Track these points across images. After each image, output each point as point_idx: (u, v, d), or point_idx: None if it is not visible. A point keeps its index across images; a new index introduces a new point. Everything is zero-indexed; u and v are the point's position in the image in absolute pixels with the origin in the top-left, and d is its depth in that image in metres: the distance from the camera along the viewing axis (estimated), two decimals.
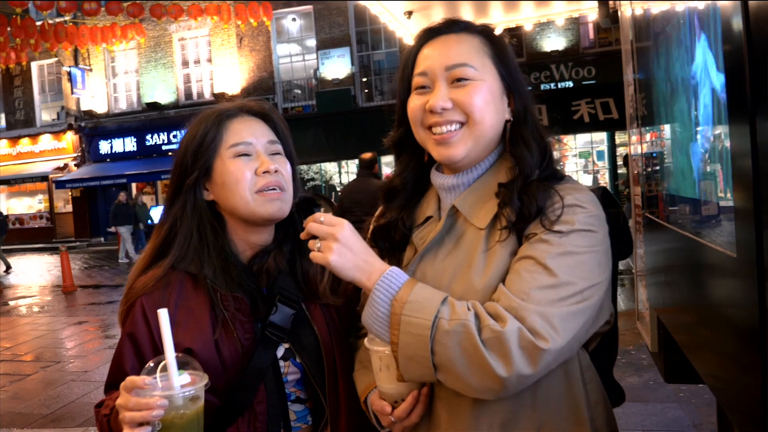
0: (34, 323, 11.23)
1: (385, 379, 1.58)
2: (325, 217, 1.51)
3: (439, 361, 1.38)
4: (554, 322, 1.36)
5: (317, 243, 1.49)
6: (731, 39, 1.52)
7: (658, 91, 2.83)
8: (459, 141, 1.59)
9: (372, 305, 1.46)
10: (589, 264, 1.46)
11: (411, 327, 1.39)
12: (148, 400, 1.38)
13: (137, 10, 17.59)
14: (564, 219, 1.48)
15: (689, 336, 2.41)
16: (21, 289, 16.08)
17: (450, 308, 1.40)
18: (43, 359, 8.62)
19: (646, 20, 3.05)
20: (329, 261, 1.46)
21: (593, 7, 8.10)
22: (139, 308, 1.72)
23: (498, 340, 1.34)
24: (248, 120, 1.84)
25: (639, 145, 3.66)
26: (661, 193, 2.95)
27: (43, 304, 13.42)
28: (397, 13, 7.75)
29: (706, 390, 5.10)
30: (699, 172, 2.05)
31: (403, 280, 1.48)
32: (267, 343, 1.73)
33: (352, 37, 26.56)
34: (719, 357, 1.89)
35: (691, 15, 2.04)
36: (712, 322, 1.94)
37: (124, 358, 1.71)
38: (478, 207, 1.61)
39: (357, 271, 1.48)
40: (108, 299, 13.43)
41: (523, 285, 1.41)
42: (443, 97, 1.59)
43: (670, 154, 2.65)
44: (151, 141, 28.92)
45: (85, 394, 6.92)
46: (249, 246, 1.84)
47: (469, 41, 1.64)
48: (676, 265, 2.55)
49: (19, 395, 7.05)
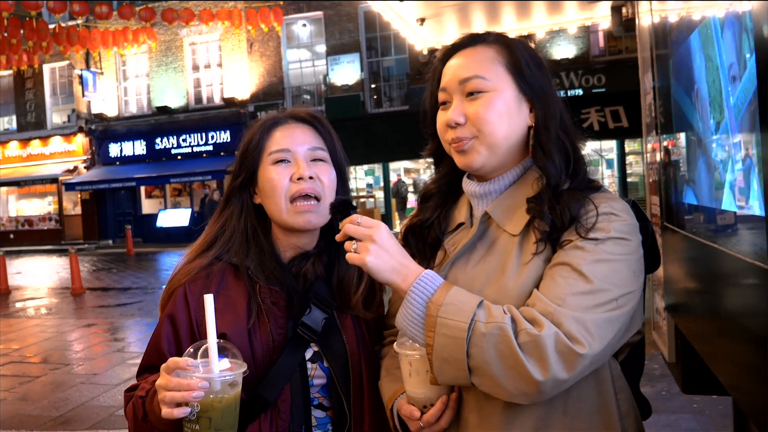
0: (43, 325, 11.18)
1: (415, 384, 1.58)
2: (362, 218, 1.52)
3: (474, 364, 1.38)
4: (590, 328, 1.36)
5: (354, 244, 1.50)
6: (763, 46, 1.50)
7: (678, 98, 2.80)
8: (472, 149, 1.61)
9: (407, 307, 1.47)
10: (624, 272, 1.46)
11: (447, 329, 1.40)
12: (189, 381, 1.41)
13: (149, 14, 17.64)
14: (599, 227, 1.48)
15: (712, 346, 2.39)
16: (29, 290, 16.03)
17: (486, 311, 1.40)
18: (52, 361, 8.60)
19: (666, 28, 3.04)
20: (366, 262, 1.47)
21: (606, 15, 8.27)
22: (181, 293, 1.77)
23: (535, 344, 1.34)
24: (293, 127, 1.89)
25: (657, 153, 3.64)
26: (680, 201, 2.93)
27: (52, 306, 13.40)
28: (409, 20, 7.80)
29: (720, 401, 5.12)
30: (722, 181, 2.03)
31: (439, 283, 1.48)
32: (297, 342, 1.75)
33: (361, 44, 26.60)
34: (745, 367, 1.88)
35: (718, 22, 2.02)
36: (738, 332, 1.92)
37: (161, 339, 1.75)
38: (510, 214, 1.61)
39: (393, 273, 1.49)
40: (116, 302, 13.41)
41: (559, 291, 1.41)
42: (457, 111, 1.62)
43: (690, 162, 2.63)
44: (161, 144, 28.99)
45: (94, 396, 6.88)
46: (290, 247, 1.87)
47: (483, 53, 1.65)
48: (700, 274, 2.53)
49: (27, 397, 7.03)
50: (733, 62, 1.85)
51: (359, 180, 27.91)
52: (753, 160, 1.66)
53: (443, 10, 7.53)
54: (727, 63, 1.91)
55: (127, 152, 29.76)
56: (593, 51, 23.50)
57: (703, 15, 2.27)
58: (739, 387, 2.02)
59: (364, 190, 27.70)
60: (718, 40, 2.01)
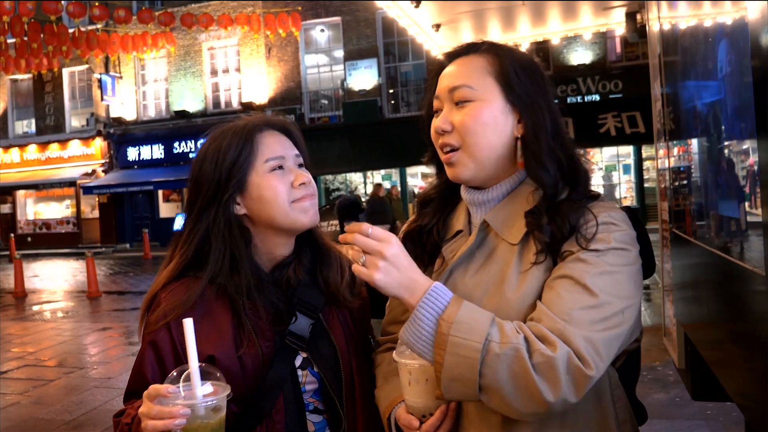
0: (58, 328, 11.24)
1: (414, 393, 1.56)
2: (372, 229, 1.46)
3: (486, 383, 1.36)
4: (599, 348, 1.36)
5: (362, 257, 1.44)
6: (760, 53, 1.52)
7: (685, 105, 2.81)
8: (458, 162, 1.62)
9: (415, 323, 1.43)
10: (626, 283, 1.46)
11: (459, 348, 1.36)
12: (170, 409, 1.38)
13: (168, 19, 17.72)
14: (600, 237, 1.48)
15: (718, 353, 2.40)
16: (46, 294, 16.11)
17: (499, 330, 1.38)
18: (67, 365, 8.62)
19: (674, 35, 3.05)
20: (374, 280, 1.43)
21: (621, 21, 8.27)
22: (161, 315, 1.72)
23: (549, 365, 1.33)
24: (275, 133, 1.86)
25: (666, 160, 3.65)
26: (688, 207, 2.93)
27: (68, 310, 13.47)
28: (425, 26, 7.82)
29: (733, 408, 4.93)
30: (729, 188, 2.03)
31: (449, 298, 1.44)
32: (286, 352, 1.74)
33: (379, 49, 26.66)
34: (749, 375, 1.87)
35: (718, 30, 2.04)
36: (742, 339, 1.93)
37: (145, 367, 1.71)
38: (509, 223, 1.60)
39: (401, 288, 1.44)
40: (133, 305, 13.43)
41: (564, 305, 1.40)
42: (444, 119, 1.62)
43: (698, 168, 2.63)
44: (179, 149, 29.15)
45: (108, 400, 6.89)
46: (269, 257, 1.85)
47: (474, 62, 1.65)
48: (705, 281, 2.54)
49: (42, 401, 7.05)
50: (734, 69, 1.85)
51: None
52: (756, 167, 1.66)
53: (459, 16, 7.53)
54: (729, 69, 1.91)
55: (145, 156, 29.94)
56: (610, 57, 23.49)
57: (709, 22, 2.27)
58: (743, 394, 2.01)
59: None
60: (719, 46, 2.02)
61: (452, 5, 7.07)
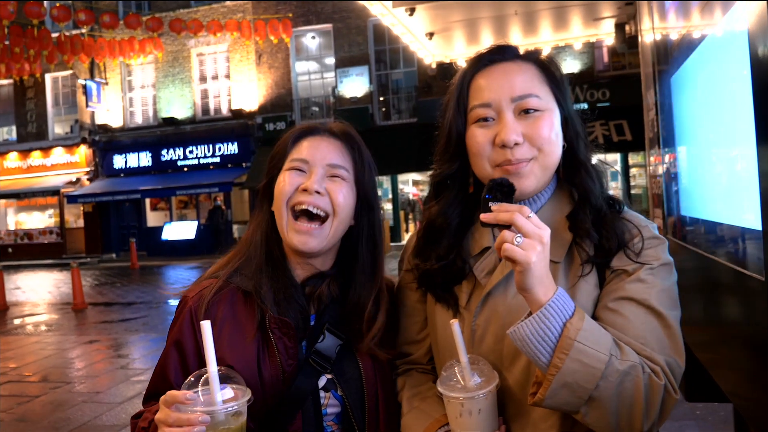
0: (43, 342, 11.01)
1: (466, 425, 1.53)
2: (533, 215, 1.38)
3: (597, 395, 1.36)
4: (678, 376, 1.42)
5: (519, 237, 1.35)
6: (758, 62, 1.56)
7: (679, 113, 2.91)
8: (529, 173, 1.56)
9: (540, 321, 1.37)
10: (676, 294, 1.53)
11: (583, 356, 1.34)
12: (189, 416, 1.35)
13: (156, 24, 17.69)
14: (648, 253, 1.52)
15: (713, 354, 2.51)
16: (29, 306, 15.83)
17: (618, 347, 1.39)
18: (52, 380, 8.42)
19: (668, 45, 3.14)
20: (531, 262, 1.33)
21: (610, 32, 8.70)
22: (188, 317, 1.71)
23: (655, 389, 1.37)
24: (321, 139, 1.82)
25: (659, 167, 3.77)
26: (681, 214, 3.03)
27: (52, 323, 13.23)
28: (419, 34, 8.07)
29: (722, 408, 5.36)
30: (721, 194, 2.14)
31: (573, 307, 1.40)
32: (309, 371, 1.70)
33: (370, 56, 26.77)
34: (745, 375, 1.96)
35: (716, 39, 2.07)
36: (738, 341, 2.02)
37: (168, 367, 1.69)
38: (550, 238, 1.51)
39: (541, 280, 1.37)
40: (120, 317, 13.27)
41: (635, 329, 1.44)
42: (514, 130, 1.54)
43: (691, 175, 2.75)
44: (167, 156, 29.03)
45: (97, 416, 6.73)
46: (304, 264, 1.81)
47: (530, 70, 1.61)
48: (700, 285, 2.62)
49: (26, 417, 6.87)
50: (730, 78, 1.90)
51: None
52: (751, 174, 1.67)
53: (452, 25, 7.76)
54: (725, 79, 1.98)
55: (132, 164, 29.79)
56: (598, 66, 24.00)
57: (702, 33, 2.31)
58: (739, 394, 2.12)
59: None
60: (716, 57, 2.09)
61: (446, 14, 7.29)
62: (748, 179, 1.71)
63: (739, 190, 1.88)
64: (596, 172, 1.62)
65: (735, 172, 1.92)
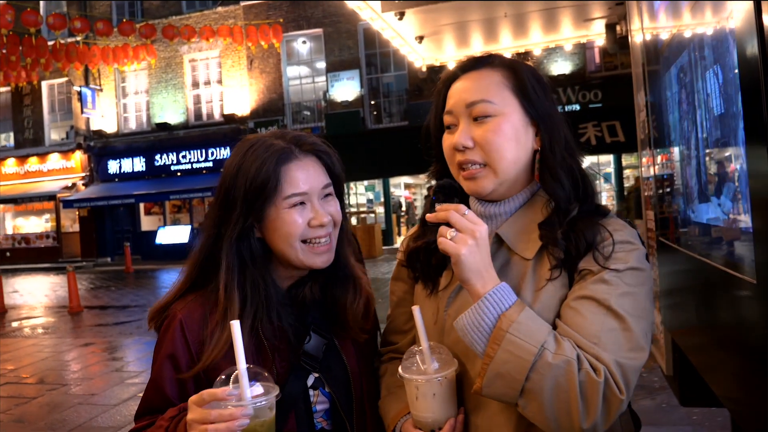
0: (39, 345, 11.03)
1: (422, 408, 1.57)
2: (469, 212, 1.48)
3: (529, 387, 1.38)
4: (628, 374, 1.39)
5: (452, 232, 1.46)
6: (746, 62, 1.54)
7: (670, 113, 2.83)
8: (483, 177, 1.60)
9: (477, 313, 1.44)
10: (644, 302, 1.48)
11: (514, 347, 1.39)
12: (232, 411, 1.39)
13: (149, 31, 17.69)
14: (618, 256, 1.50)
15: (707, 358, 2.41)
16: (26, 309, 15.84)
17: (556, 342, 1.40)
18: (48, 382, 8.46)
19: (658, 45, 3.08)
20: (460, 254, 1.43)
21: (601, 33, 8.52)
22: (178, 329, 1.70)
23: (592, 387, 1.35)
24: (306, 164, 1.76)
25: (651, 168, 3.67)
26: (672, 215, 2.97)
27: (48, 326, 13.24)
28: (408, 38, 7.95)
29: (719, 413, 5.14)
30: (714, 196, 2.06)
31: (513, 300, 1.46)
32: (300, 372, 1.73)
33: (361, 60, 26.72)
34: (738, 380, 1.90)
35: (704, 39, 2.05)
36: (731, 344, 1.94)
37: (164, 381, 1.69)
38: (523, 238, 1.61)
39: (476, 273, 1.45)
40: (115, 320, 13.28)
41: (591, 328, 1.42)
42: (464, 135, 1.60)
43: (683, 176, 2.66)
44: (160, 161, 29.03)
45: (93, 417, 6.78)
46: (289, 276, 1.82)
47: (489, 76, 1.64)
48: (693, 288, 2.56)
49: (23, 419, 6.92)
50: (720, 77, 1.87)
51: (359, 195, 27.95)
52: (742, 175, 1.68)
53: (442, 28, 7.68)
54: (716, 78, 1.93)
55: (126, 169, 29.78)
56: (589, 67, 23.65)
57: (692, 32, 2.30)
58: (733, 398, 2.04)
59: (364, 206, 27.75)
60: (704, 55, 2.04)
61: (435, 18, 7.20)
62: (738, 180, 1.71)
63: (729, 191, 1.86)
64: (570, 177, 1.60)
65: (726, 172, 1.91)
